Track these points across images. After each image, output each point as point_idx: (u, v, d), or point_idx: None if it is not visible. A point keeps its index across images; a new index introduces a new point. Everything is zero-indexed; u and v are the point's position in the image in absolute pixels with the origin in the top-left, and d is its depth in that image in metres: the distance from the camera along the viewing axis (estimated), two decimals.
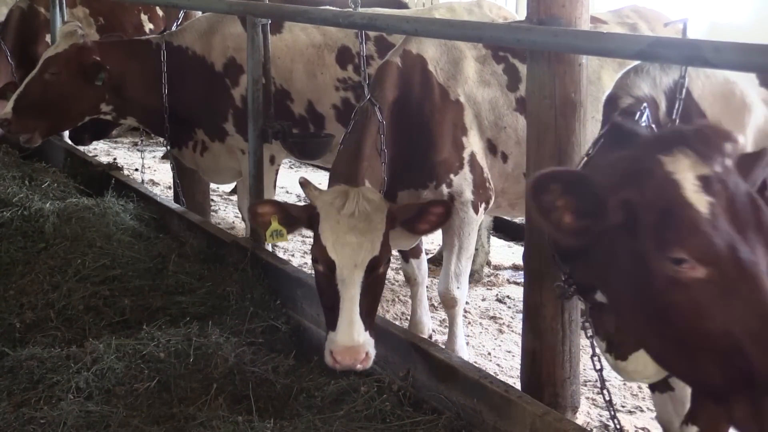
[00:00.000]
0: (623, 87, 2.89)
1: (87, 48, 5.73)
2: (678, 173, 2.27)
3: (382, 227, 3.61)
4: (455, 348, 4.93)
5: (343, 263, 3.55)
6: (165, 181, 8.42)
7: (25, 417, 3.58)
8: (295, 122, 5.66)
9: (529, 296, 3.59)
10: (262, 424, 3.34)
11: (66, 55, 5.71)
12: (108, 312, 4.51)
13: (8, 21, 8.74)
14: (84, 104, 5.80)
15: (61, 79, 5.70)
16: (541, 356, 3.64)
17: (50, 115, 5.85)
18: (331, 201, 3.64)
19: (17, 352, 4.05)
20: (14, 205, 5.58)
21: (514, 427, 3.20)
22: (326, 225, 3.62)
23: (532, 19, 3.41)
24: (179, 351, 3.95)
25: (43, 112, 5.79)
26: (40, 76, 5.73)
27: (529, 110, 3.54)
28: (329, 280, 3.59)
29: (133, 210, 5.78)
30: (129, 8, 9.27)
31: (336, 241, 3.57)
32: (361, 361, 3.49)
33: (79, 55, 5.69)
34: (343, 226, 3.57)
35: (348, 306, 3.51)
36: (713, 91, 2.86)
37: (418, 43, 4.53)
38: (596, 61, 4.67)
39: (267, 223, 3.82)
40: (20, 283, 4.74)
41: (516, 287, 6.11)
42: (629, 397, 4.57)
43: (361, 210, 3.58)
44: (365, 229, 3.57)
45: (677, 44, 2.67)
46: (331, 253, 3.56)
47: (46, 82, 5.71)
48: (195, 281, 4.81)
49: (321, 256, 3.60)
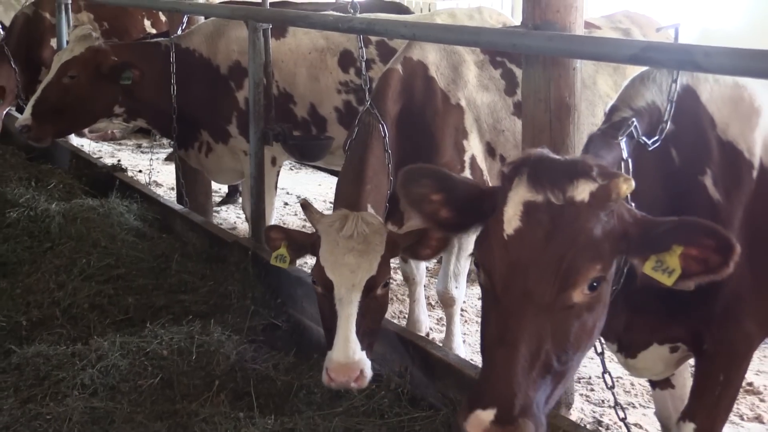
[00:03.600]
0: (625, 98, 2.86)
1: (104, 50, 5.73)
2: (513, 192, 2.33)
3: (381, 249, 3.60)
4: (452, 346, 4.93)
5: (340, 283, 3.54)
6: (168, 183, 8.42)
7: (32, 413, 3.59)
8: (297, 125, 5.67)
9: None
10: (263, 420, 3.34)
11: (83, 58, 5.69)
12: (112, 310, 4.52)
13: (13, 26, 8.75)
14: (100, 106, 5.81)
15: (80, 82, 5.69)
16: None
17: (68, 118, 5.85)
18: (331, 223, 3.66)
19: (24, 350, 4.06)
20: (21, 205, 5.59)
21: None
22: (326, 247, 3.63)
23: (527, 24, 3.42)
24: (182, 348, 3.96)
25: (61, 116, 5.79)
26: (58, 80, 5.72)
27: (525, 113, 3.54)
28: (328, 300, 3.59)
29: (137, 210, 5.79)
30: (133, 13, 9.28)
31: (335, 262, 3.57)
32: (356, 380, 3.42)
33: (96, 58, 5.69)
34: (341, 248, 3.58)
35: (344, 324, 3.49)
36: (722, 95, 2.85)
37: (418, 49, 4.53)
38: (591, 65, 4.67)
39: (277, 246, 3.87)
40: (27, 281, 4.75)
41: None
42: (622, 394, 4.57)
43: (359, 232, 3.59)
44: (363, 250, 3.57)
45: (669, 49, 2.68)
46: (329, 273, 3.57)
47: (64, 85, 5.70)
48: (197, 280, 4.82)
49: (320, 276, 3.61)
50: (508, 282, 2.27)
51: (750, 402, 4.53)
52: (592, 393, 4.59)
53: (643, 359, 3.05)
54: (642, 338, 3.00)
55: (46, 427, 3.48)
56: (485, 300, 2.42)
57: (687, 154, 2.79)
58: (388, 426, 3.33)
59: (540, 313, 2.22)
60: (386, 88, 4.34)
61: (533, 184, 2.30)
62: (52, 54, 8.36)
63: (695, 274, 2.28)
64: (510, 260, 2.27)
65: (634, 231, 2.35)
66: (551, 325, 2.24)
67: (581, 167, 2.31)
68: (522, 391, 2.18)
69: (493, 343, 2.27)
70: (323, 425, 3.29)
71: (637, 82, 2.92)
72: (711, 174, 2.77)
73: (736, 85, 2.86)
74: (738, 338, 2.89)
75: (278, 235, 3.89)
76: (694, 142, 2.80)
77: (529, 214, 2.28)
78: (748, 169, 2.80)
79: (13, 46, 8.43)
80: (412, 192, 2.60)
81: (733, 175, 2.79)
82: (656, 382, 3.38)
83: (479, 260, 2.40)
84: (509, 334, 2.22)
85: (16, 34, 8.60)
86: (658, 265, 2.32)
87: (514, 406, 2.15)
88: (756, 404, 4.52)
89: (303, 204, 3.87)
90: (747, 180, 2.79)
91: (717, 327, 2.85)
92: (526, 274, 2.24)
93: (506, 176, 2.38)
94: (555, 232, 2.24)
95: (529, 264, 2.24)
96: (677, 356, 3.05)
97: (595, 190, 2.28)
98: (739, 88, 2.86)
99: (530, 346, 2.21)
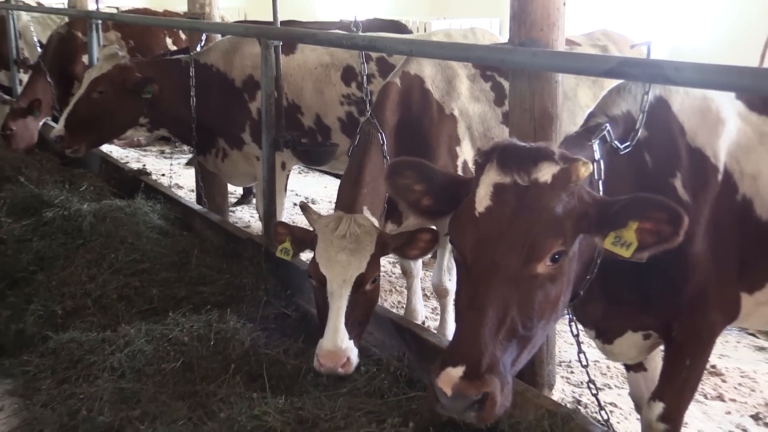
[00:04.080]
0: (602, 107, 2.89)
1: (128, 67, 5.75)
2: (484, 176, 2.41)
3: (371, 249, 3.62)
4: (446, 333, 4.93)
5: (332, 278, 3.57)
6: (188, 185, 8.42)
7: (67, 392, 3.61)
8: (305, 133, 5.67)
9: None
10: (275, 399, 3.34)
11: (110, 74, 5.72)
12: (138, 300, 4.52)
13: (49, 44, 8.77)
14: (126, 118, 5.82)
15: (107, 97, 5.71)
16: None
17: (97, 130, 5.87)
18: (326, 224, 3.70)
19: (59, 336, 4.07)
20: (56, 206, 5.58)
21: None
22: (321, 245, 3.66)
23: (514, 41, 3.42)
24: (201, 335, 3.96)
25: (91, 127, 5.81)
26: (88, 96, 5.74)
27: (512, 122, 3.54)
28: (322, 294, 3.63)
29: (160, 210, 5.79)
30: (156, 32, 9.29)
31: (328, 259, 3.60)
32: (343, 366, 3.46)
33: (122, 74, 5.70)
34: (335, 246, 3.61)
35: (334, 316, 3.52)
36: (691, 105, 2.86)
37: (415, 64, 4.53)
38: (572, 78, 4.68)
39: (283, 240, 3.95)
40: (61, 275, 4.75)
41: None
42: (599, 376, 4.58)
43: (351, 232, 3.62)
44: (354, 249, 3.60)
45: (642, 64, 2.68)
46: (323, 269, 3.60)
47: (94, 100, 5.72)
48: (215, 273, 4.82)
49: (314, 272, 3.65)
50: (478, 254, 2.33)
51: (713, 383, 4.54)
52: (572, 375, 4.59)
53: (618, 345, 3.06)
54: (618, 326, 3.01)
55: (80, 406, 3.49)
56: (458, 272, 2.48)
57: (659, 159, 2.80)
58: (387, 405, 3.33)
59: (506, 281, 2.28)
60: (385, 99, 4.34)
61: (501, 167, 2.36)
62: (83, 69, 8.38)
63: (650, 245, 2.33)
64: (480, 235, 2.33)
65: (594, 211, 2.39)
66: (517, 293, 2.29)
67: (544, 152, 2.37)
68: (489, 350, 2.22)
69: (464, 309, 2.33)
70: (329, 404, 3.29)
71: (614, 92, 2.93)
72: (680, 177, 2.77)
73: (704, 97, 2.86)
74: (703, 327, 2.89)
75: (283, 231, 3.96)
76: (666, 148, 2.81)
77: (497, 194, 2.35)
78: (713, 173, 2.80)
79: (49, 62, 8.45)
80: (397, 183, 2.66)
81: (700, 178, 2.79)
82: (630, 366, 3.38)
83: (453, 237, 2.44)
84: (478, 300, 2.27)
85: (51, 51, 8.61)
86: (616, 240, 2.36)
87: (482, 363, 2.20)
88: (719, 384, 4.53)
89: (302, 206, 3.91)
90: (713, 183, 2.80)
91: (684, 317, 2.85)
92: (494, 246, 2.30)
93: (479, 164, 2.45)
94: (521, 210, 2.31)
95: (497, 238, 2.30)
96: (650, 343, 3.06)
97: (557, 172, 2.34)
98: (706, 100, 2.86)
99: (497, 311, 2.26)
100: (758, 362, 4.83)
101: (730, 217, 2.80)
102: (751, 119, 2.89)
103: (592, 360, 4.69)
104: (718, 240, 2.78)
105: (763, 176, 2.81)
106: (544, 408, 2.98)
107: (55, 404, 3.57)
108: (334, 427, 3.13)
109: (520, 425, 2.95)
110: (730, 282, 2.86)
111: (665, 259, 2.66)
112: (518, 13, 3.37)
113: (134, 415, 3.39)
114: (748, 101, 2.94)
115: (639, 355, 3.11)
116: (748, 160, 2.83)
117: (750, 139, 2.86)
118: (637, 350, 3.07)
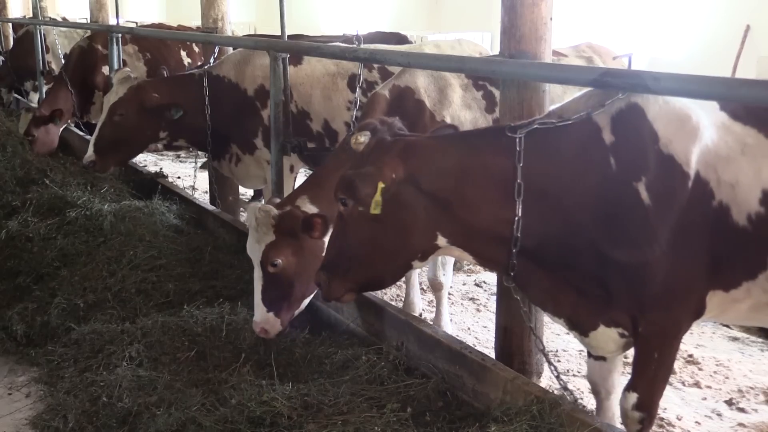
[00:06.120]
0: (563, 107, 2.95)
1: (143, 88, 5.75)
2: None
3: (269, 238, 3.78)
4: (441, 324, 4.93)
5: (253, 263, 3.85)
6: (203, 187, 8.41)
7: (88, 380, 3.61)
8: (314, 137, 5.66)
9: (501, 282, 3.59)
10: (282, 386, 3.34)
11: (127, 97, 5.72)
12: (155, 294, 4.52)
13: (70, 56, 8.75)
14: (147, 134, 5.82)
15: (127, 118, 5.71)
16: (512, 331, 3.65)
17: (123, 149, 5.90)
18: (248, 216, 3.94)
19: (81, 327, 4.08)
20: (78, 206, 5.58)
21: (489, 388, 3.20)
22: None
23: (504, 53, 3.42)
24: (214, 326, 3.96)
25: (117, 148, 5.83)
26: (110, 120, 5.74)
27: None
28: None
29: (176, 211, 5.78)
30: (171, 45, 9.27)
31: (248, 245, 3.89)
32: (260, 333, 3.77)
33: (138, 95, 5.70)
34: (251, 235, 3.86)
35: (256, 294, 3.81)
36: (668, 113, 2.81)
37: (408, 75, 4.52)
38: (559, 88, 4.66)
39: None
40: (83, 270, 4.75)
41: (491, 274, 6.09)
42: (583, 365, 4.57)
43: (251, 224, 3.85)
44: (257, 239, 3.80)
45: (624, 74, 2.67)
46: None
47: (116, 123, 5.73)
48: (227, 269, 4.82)
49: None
50: None
51: (690, 371, 4.53)
52: (559, 364, 4.58)
53: (594, 338, 3.02)
54: (589, 320, 2.98)
55: (100, 392, 3.49)
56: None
57: (624, 163, 2.77)
58: (387, 391, 3.33)
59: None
60: (372, 110, 4.34)
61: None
62: (103, 79, 8.41)
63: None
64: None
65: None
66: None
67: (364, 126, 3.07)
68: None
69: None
70: (333, 390, 3.29)
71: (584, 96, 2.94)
72: (645, 181, 2.74)
73: (684, 107, 2.83)
74: (668, 324, 2.86)
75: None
76: (633, 153, 2.77)
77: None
78: (683, 180, 2.74)
79: (70, 73, 8.44)
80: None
81: (668, 184, 2.73)
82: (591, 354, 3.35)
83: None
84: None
85: (72, 63, 8.60)
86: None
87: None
88: (695, 372, 4.52)
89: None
90: (682, 189, 2.74)
91: (649, 313, 2.82)
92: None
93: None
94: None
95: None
96: (626, 340, 3.02)
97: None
98: (687, 109, 2.82)
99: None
100: (732, 351, 4.82)
101: (704, 222, 2.76)
102: (734, 129, 2.83)
103: (576, 349, 4.69)
104: (685, 242, 2.75)
105: (741, 185, 2.74)
106: (533, 394, 2.98)
107: (77, 391, 3.58)
108: (337, 412, 3.13)
109: (510, 410, 2.95)
110: (696, 281, 2.81)
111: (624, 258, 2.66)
112: (508, 28, 3.37)
113: (151, 401, 3.39)
114: (732, 112, 2.87)
115: (617, 350, 3.07)
116: (727, 169, 2.75)
117: (731, 149, 2.78)
118: (615, 345, 3.03)
